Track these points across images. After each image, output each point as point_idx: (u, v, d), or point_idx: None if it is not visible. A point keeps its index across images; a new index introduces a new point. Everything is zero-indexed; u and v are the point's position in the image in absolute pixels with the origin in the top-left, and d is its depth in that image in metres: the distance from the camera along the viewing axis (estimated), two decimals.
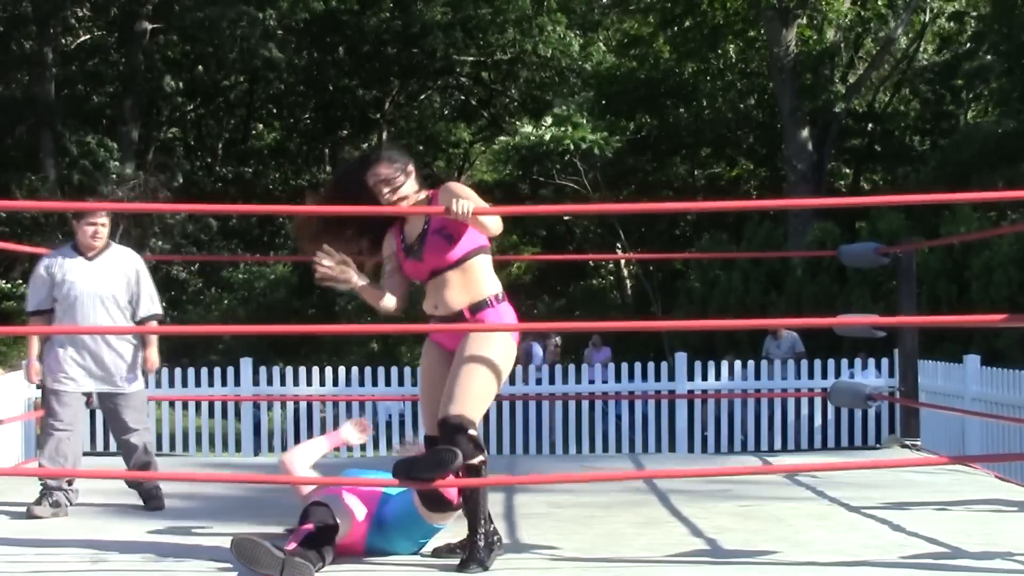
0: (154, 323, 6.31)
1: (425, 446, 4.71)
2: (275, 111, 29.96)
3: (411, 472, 4.47)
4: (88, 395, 6.13)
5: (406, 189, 4.65)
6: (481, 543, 4.54)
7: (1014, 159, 18.18)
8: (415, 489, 4.61)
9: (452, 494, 4.64)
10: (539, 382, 13.57)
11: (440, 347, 4.70)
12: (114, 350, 6.11)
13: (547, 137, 19.91)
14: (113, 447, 13.15)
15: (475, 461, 4.46)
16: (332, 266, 4.61)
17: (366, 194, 4.66)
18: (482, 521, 4.57)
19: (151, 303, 6.27)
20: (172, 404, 13.92)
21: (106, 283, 6.12)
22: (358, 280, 4.65)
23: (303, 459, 5.25)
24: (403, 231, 4.72)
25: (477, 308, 4.58)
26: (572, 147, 19.84)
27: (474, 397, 4.47)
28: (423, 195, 4.71)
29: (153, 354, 6.33)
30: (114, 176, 22.48)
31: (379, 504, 4.82)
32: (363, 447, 12.86)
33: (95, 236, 6.13)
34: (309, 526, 4.57)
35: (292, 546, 4.46)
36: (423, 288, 4.75)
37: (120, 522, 5.52)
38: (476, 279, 4.60)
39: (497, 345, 4.55)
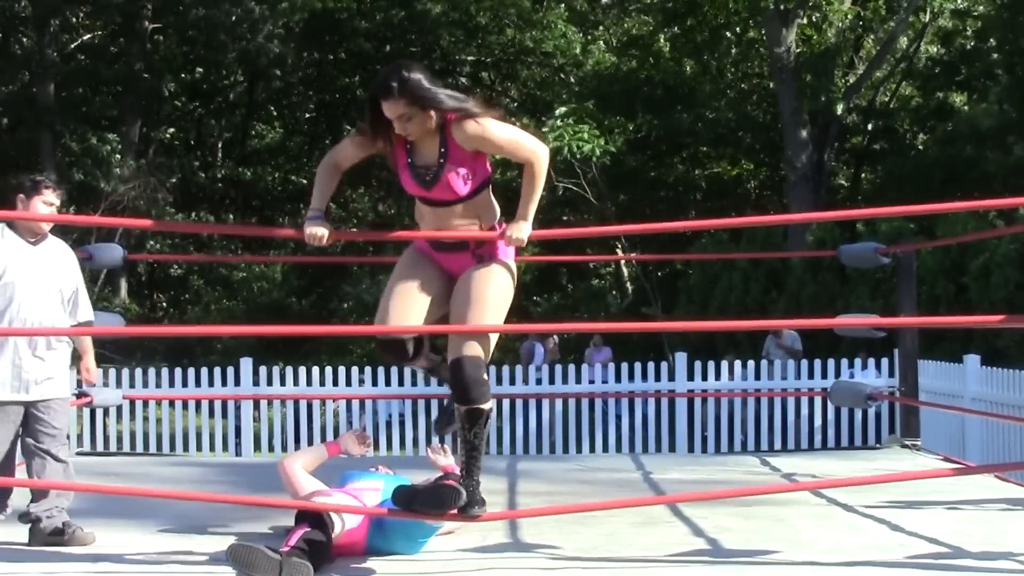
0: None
1: (380, 344, 4.60)
2: (275, 111, 29.95)
3: (412, 504, 4.42)
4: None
5: (414, 126, 4.41)
6: (476, 487, 4.49)
7: (1011, 149, 18.17)
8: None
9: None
10: (539, 382, 13.57)
11: (430, 257, 4.61)
12: (55, 352, 5.30)
13: (550, 141, 19.86)
14: (111, 447, 13.22)
15: (486, 407, 4.45)
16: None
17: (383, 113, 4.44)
18: (478, 467, 4.51)
19: (88, 306, 5.55)
20: (172, 404, 13.92)
21: (53, 275, 5.27)
22: None
23: (302, 465, 5.23)
24: (407, 144, 4.50)
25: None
26: (570, 155, 19.80)
27: (488, 337, 4.50)
28: (433, 122, 4.42)
29: (92, 363, 5.78)
30: (117, 170, 22.47)
31: (379, 503, 4.81)
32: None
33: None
34: (304, 526, 4.56)
35: (288, 547, 4.44)
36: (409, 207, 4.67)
37: (120, 523, 5.51)
38: (481, 207, 4.56)
39: (504, 276, 4.57)
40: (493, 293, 4.52)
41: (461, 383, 4.41)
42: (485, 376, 4.46)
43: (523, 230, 4.45)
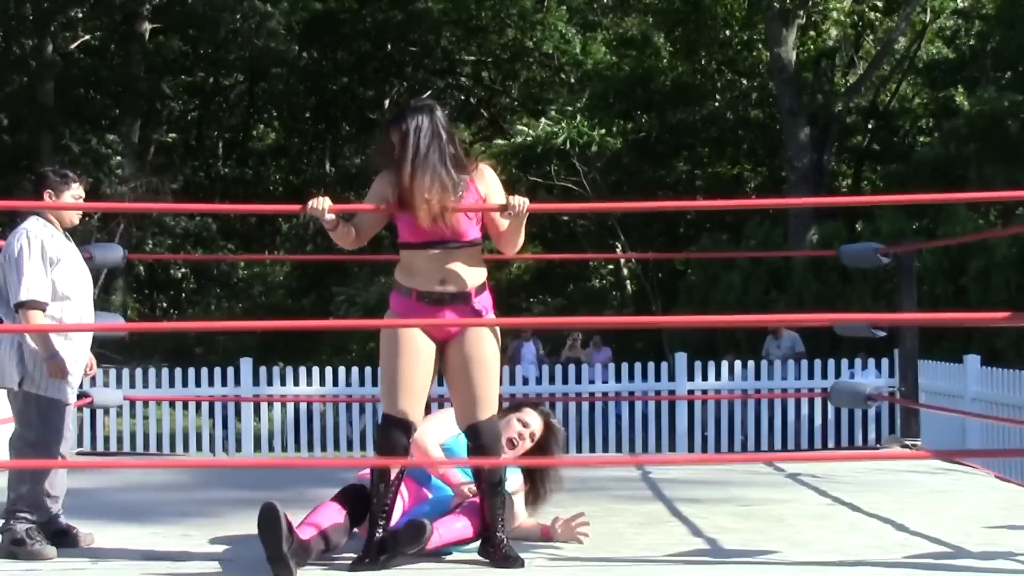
0: None
1: (385, 425, 4.56)
2: (275, 111, 29.97)
3: (396, 549, 4.47)
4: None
5: None
6: (505, 540, 4.59)
7: (1014, 153, 18.12)
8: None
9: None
10: (539, 382, 13.57)
11: (425, 331, 4.56)
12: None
13: (549, 132, 19.85)
14: (111, 447, 13.23)
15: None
16: None
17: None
18: (501, 522, 4.59)
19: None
20: (172, 404, 13.92)
21: (87, 271, 5.15)
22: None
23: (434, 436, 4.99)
24: None
25: (480, 290, 4.59)
26: (570, 144, 19.80)
27: (494, 397, 4.61)
28: None
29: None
30: (118, 172, 22.48)
31: (417, 505, 4.83)
32: (363, 448, 12.88)
33: (78, 211, 5.10)
34: (341, 520, 4.56)
35: (307, 536, 4.44)
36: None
37: (120, 523, 5.51)
38: (479, 262, 4.60)
39: (494, 337, 4.64)
40: (493, 355, 4.60)
41: (482, 447, 4.53)
42: (497, 431, 4.63)
43: (522, 202, 4.48)
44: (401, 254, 4.59)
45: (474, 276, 4.55)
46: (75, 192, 5.06)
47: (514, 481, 5.00)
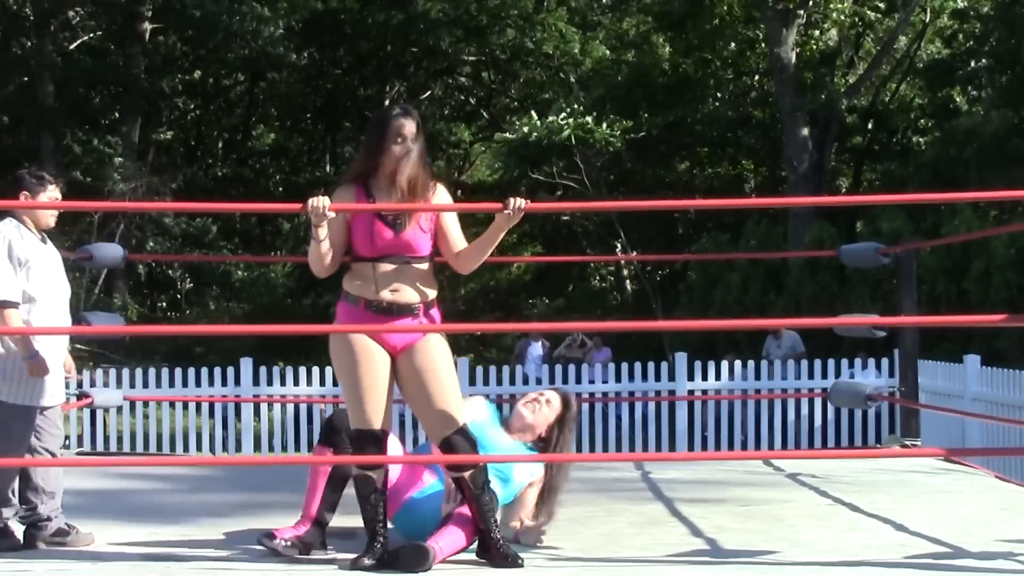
0: None
1: (358, 440, 4.54)
2: (275, 111, 29.96)
3: (397, 568, 4.46)
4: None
5: (415, 148, 4.56)
6: (501, 540, 4.58)
7: (1013, 159, 18.13)
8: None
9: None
10: (539, 382, 13.56)
11: (376, 340, 4.53)
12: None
13: (555, 126, 19.83)
14: (111, 447, 13.23)
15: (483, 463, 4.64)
16: None
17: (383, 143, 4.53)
18: (494, 523, 4.60)
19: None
20: (172, 404, 13.92)
21: (63, 276, 5.11)
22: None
23: None
24: (371, 194, 4.54)
25: (430, 306, 4.59)
26: (574, 140, 19.79)
27: (458, 406, 4.60)
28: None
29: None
30: (118, 172, 22.48)
31: (419, 489, 4.87)
32: None
33: (54, 212, 5.07)
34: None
35: (301, 529, 4.64)
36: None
37: (120, 522, 5.51)
38: (431, 280, 4.61)
39: (446, 347, 4.65)
40: (446, 364, 4.59)
41: (457, 455, 4.53)
42: (472, 438, 4.58)
43: (520, 201, 4.47)
44: (353, 266, 4.58)
45: (425, 291, 4.56)
46: (51, 194, 5.05)
47: (535, 471, 5.05)
